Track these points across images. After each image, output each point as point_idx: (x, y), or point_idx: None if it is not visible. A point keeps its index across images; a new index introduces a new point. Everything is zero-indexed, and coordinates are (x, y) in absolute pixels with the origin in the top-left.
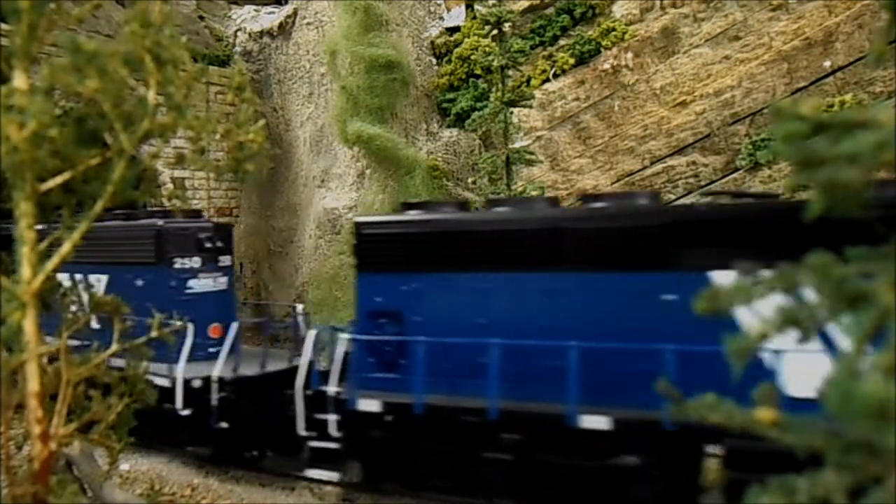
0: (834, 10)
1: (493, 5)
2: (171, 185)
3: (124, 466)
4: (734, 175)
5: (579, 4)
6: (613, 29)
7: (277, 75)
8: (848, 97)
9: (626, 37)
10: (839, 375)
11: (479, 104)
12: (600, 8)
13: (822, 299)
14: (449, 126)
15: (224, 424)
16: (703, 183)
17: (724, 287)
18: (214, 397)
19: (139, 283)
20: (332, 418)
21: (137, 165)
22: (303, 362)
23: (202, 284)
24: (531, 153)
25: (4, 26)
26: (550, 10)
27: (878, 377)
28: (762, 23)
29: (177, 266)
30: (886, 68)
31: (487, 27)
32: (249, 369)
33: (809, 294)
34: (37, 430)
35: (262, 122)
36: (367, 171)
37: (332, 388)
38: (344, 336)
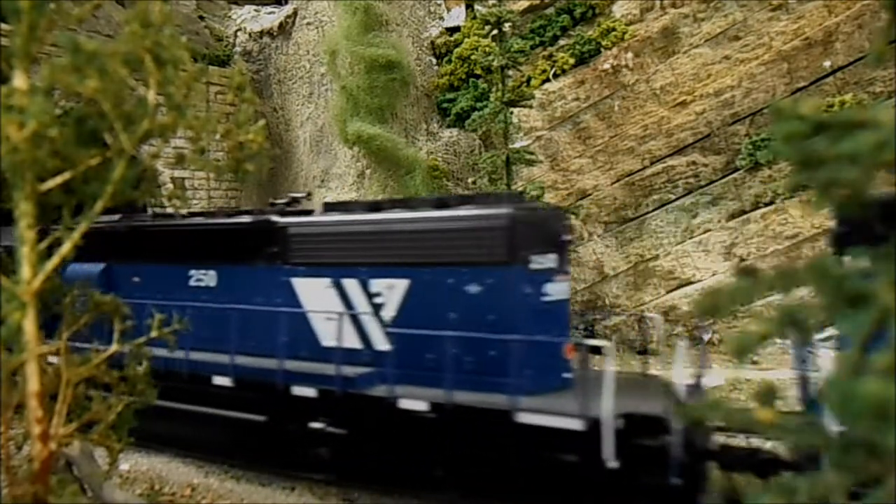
0: (834, 10)
1: (493, 5)
2: (171, 185)
3: (124, 466)
4: (734, 175)
5: (579, 4)
6: (613, 29)
7: (277, 75)
8: (848, 97)
9: (626, 37)
10: (839, 375)
11: (479, 104)
12: (600, 8)
13: (822, 299)
14: (449, 126)
15: (678, 481)
16: (702, 183)
17: (724, 287)
18: (676, 443)
19: (473, 289)
20: None
21: (137, 165)
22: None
23: (558, 290)
24: (531, 153)
25: (4, 26)
26: (550, 10)
27: (877, 377)
28: (762, 23)
29: (533, 266)
30: (886, 68)
31: (487, 27)
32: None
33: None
34: (37, 430)
35: (262, 122)
36: (367, 171)
37: None
38: None
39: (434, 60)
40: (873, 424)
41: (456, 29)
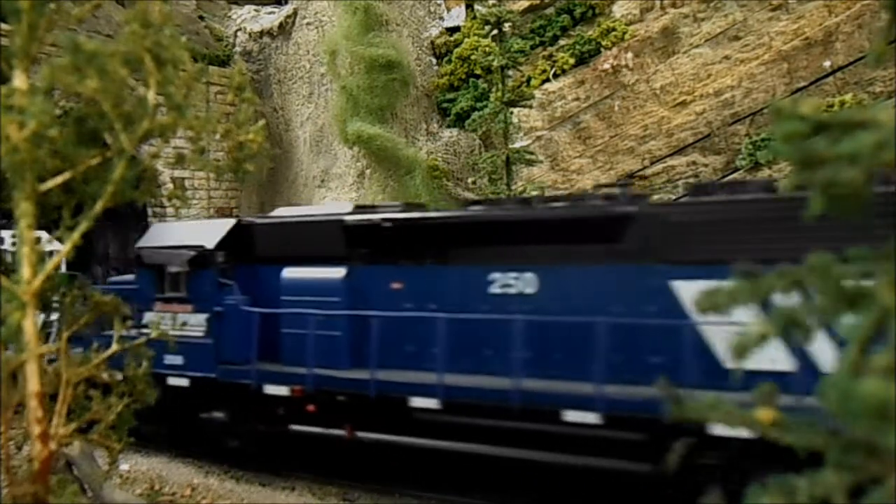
0: (834, 10)
1: (493, 5)
2: (171, 185)
3: (124, 466)
4: (734, 175)
5: (579, 4)
6: (613, 29)
7: (277, 75)
8: (848, 97)
9: (626, 37)
10: (839, 375)
11: (479, 104)
12: (600, 8)
13: (822, 299)
14: (449, 126)
15: None
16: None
17: (723, 287)
18: None
19: None
20: None
21: (137, 165)
22: None
23: None
24: (531, 153)
25: (4, 26)
26: (550, 10)
27: (877, 377)
28: (762, 23)
29: None
30: (886, 68)
31: (487, 27)
32: None
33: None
34: (37, 430)
35: (262, 122)
36: (367, 171)
37: None
38: None
39: (434, 60)
40: (873, 424)
41: (456, 29)
